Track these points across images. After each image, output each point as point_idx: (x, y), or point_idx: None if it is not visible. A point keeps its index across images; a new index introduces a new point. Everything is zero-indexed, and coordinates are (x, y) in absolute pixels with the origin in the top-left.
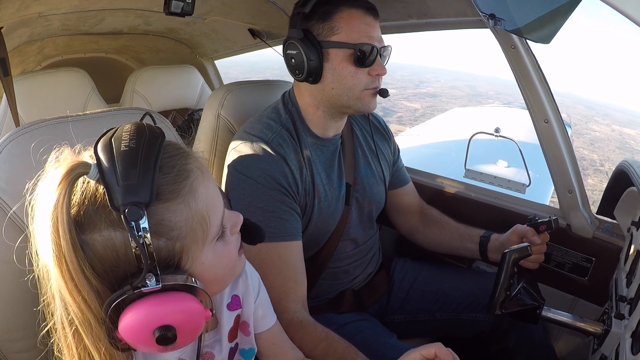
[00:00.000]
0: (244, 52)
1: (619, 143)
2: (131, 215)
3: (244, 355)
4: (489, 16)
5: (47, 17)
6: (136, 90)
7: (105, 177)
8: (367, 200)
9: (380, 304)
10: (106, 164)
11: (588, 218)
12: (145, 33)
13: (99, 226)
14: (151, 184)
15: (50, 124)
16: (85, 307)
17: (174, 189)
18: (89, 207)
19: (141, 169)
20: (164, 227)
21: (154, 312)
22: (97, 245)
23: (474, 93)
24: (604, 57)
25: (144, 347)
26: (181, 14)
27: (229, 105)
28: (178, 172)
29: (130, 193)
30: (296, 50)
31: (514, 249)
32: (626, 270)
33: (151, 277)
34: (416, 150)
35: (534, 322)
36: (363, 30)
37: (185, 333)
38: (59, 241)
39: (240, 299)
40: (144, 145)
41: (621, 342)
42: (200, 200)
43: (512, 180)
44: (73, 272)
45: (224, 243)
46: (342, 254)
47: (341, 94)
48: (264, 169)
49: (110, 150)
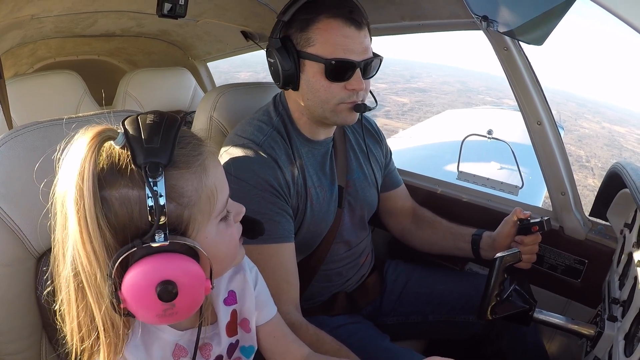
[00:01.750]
0: (237, 54)
1: (608, 140)
2: (151, 170)
3: (244, 353)
4: (482, 18)
5: (40, 19)
6: (129, 92)
7: (130, 141)
8: (359, 203)
9: (373, 306)
10: (132, 132)
11: (581, 220)
12: (138, 35)
13: (118, 184)
14: (170, 150)
15: (43, 126)
16: (94, 258)
17: (188, 160)
18: (112, 167)
19: (162, 137)
20: (176, 192)
21: (159, 266)
22: (115, 201)
23: (464, 89)
24: (599, 55)
25: (144, 305)
26: (174, 16)
27: (221, 108)
28: (192, 148)
29: (152, 154)
30: (273, 59)
31: (504, 255)
32: (619, 273)
33: (160, 233)
34: (409, 152)
35: (526, 324)
36: (339, 43)
37: (186, 295)
38: (82, 187)
39: (237, 295)
40: (166, 122)
41: (614, 344)
42: (210, 177)
43: (504, 182)
44: (89, 219)
45: (227, 225)
46: (335, 257)
47: (316, 106)
48: (256, 171)
49: (137, 122)
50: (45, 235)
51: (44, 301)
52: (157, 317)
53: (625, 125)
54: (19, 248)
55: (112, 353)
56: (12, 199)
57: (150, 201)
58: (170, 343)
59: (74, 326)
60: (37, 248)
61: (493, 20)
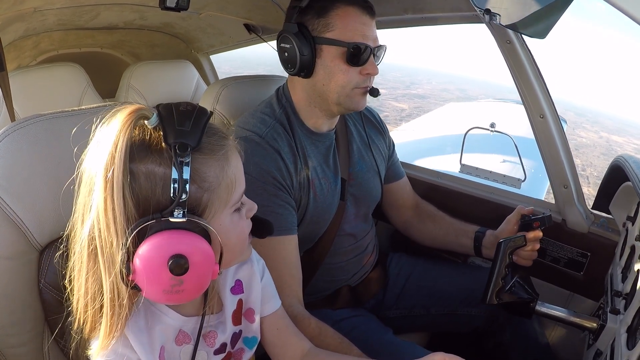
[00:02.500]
0: (240, 47)
1: (605, 149)
2: (180, 150)
3: (247, 343)
4: (485, 11)
5: (43, 11)
6: (132, 85)
7: (163, 121)
8: (363, 195)
9: (376, 300)
10: (165, 115)
11: (583, 213)
12: (141, 28)
13: (146, 160)
14: (200, 135)
15: (46, 118)
16: (113, 225)
17: (214, 148)
18: (143, 143)
19: (193, 123)
20: (199, 176)
21: (174, 240)
22: (141, 175)
23: (463, 96)
24: (601, 65)
25: (154, 277)
26: (177, 8)
27: (224, 100)
28: (218, 139)
29: (182, 136)
30: (289, 44)
31: (509, 239)
32: (621, 265)
33: (180, 210)
34: (412, 145)
35: (528, 316)
36: (358, 29)
37: (195, 274)
38: (114, 156)
39: (244, 284)
40: (197, 110)
41: (616, 337)
42: (232, 167)
43: (507, 175)
44: (116, 187)
45: (240, 218)
46: (340, 249)
47: (331, 90)
48: (259, 164)
49: (170, 108)
50: (48, 228)
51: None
52: (163, 293)
53: (624, 135)
54: (22, 241)
55: (114, 325)
56: (14, 192)
57: (175, 177)
58: (174, 328)
59: (81, 293)
60: (39, 241)
61: (495, 13)
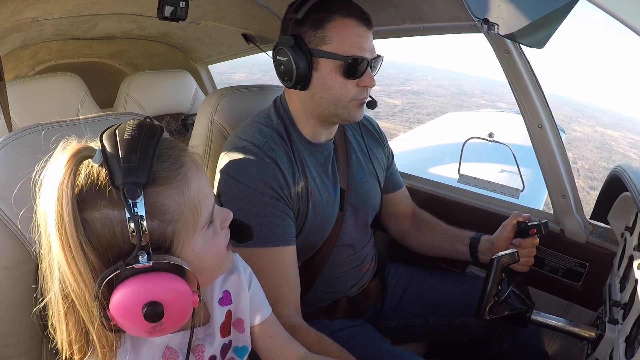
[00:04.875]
0: (238, 56)
1: (599, 143)
2: (130, 193)
3: (237, 353)
4: (483, 21)
5: (41, 22)
6: (130, 95)
7: (108, 160)
8: (362, 205)
9: (374, 310)
10: (110, 149)
11: (582, 223)
12: (139, 38)
13: (99, 205)
14: (149, 167)
15: (44, 128)
16: (80, 280)
17: (169, 175)
18: (91, 188)
19: (141, 154)
20: (158, 210)
21: (143, 288)
22: (96, 222)
23: (458, 92)
24: (599, 60)
25: (132, 324)
26: (175, 18)
27: (222, 110)
28: (173, 162)
29: (130, 174)
30: (286, 57)
31: (501, 255)
32: (620, 275)
33: (143, 254)
34: (410, 155)
35: (523, 326)
36: (355, 41)
37: (173, 313)
38: (62, 214)
39: (232, 295)
40: (145, 136)
41: (615, 347)
42: (193, 189)
43: (505, 185)
44: (72, 244)
45: (214, 234)
46: (338, 260)
47: (329, 102)
48: (256, 174)
49: (114, 138)
50: None
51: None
52: (146, 333)
53: (620, 130)
54: (20, 251)
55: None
56: (12, 202)
57: (131, 222)
58: (160, 346)
59: (64, 337)
60: (38, 251)
61: (494, 23)
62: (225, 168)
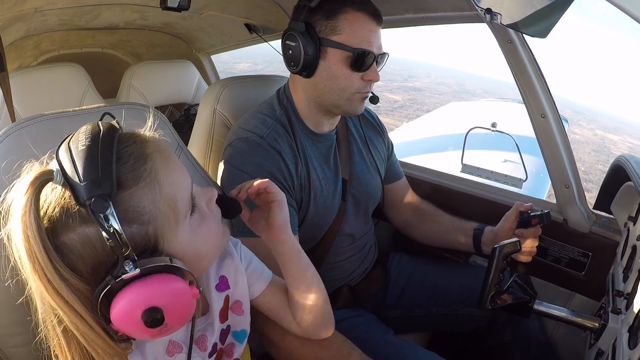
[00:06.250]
0: (241, 46)
1: (597, 147)
2: (97, 207)
3: (237, 338)
4: (486, 10)
5: (44, 12)
6: (132, 85)
7: (67, 178)
8: (363, 196)
9: (377, 299)
10: (67, 166)
11: (585, 213)
12: (142, 28)
13: (73, 226)
14: (111, 175)
15: (47, 119)
16: (68, 309)
17: (134, 175)
18: (60, 211)
19: (99, 163)
20: (133, 213)
21: (137, 296)
22: (76, 244)
23: (460, 90)
24: (605, 64)
25: (139, 333)
26: (177, 8)
27: (225, 101)
28: (136, 159)
29: (93, 188)
30: (295, 42)
31: (503, 244)
32: (623, 265)
33: (129, 263)
34: (412, 145)
35: (525, 315)
36: (365, 35)
37: (174, 313)
38: (30, 247)
39: (228, 280)
40: (100, 141)
41: (618, 336)
42: (163, 182)
43: (509, 175)
44: (49, 276)
45: (201, 219)
46: (338, 249)
47: (332, 92)
48: (260, 164)
49: (69, 152)
50: None
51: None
52: (153, 337)
53: (620, 134)
54: None
55: None
56: None
57: (106, 235)
58: (163, 342)
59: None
60: None
61: (496, 12)
62: (229, 159)
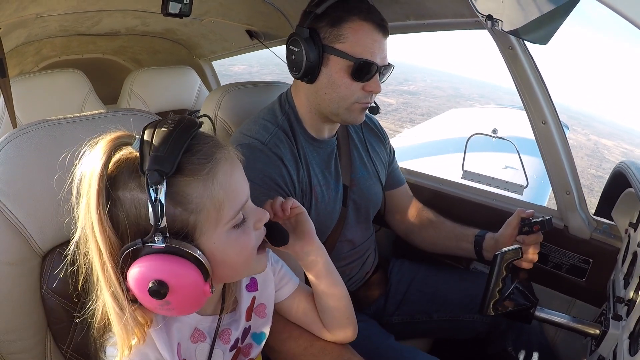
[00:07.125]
0: (242, 53)
1: (591, 151)
2: (152, 179)
3: (255, 339)
4: (487, 17)
5: (45, 18)
6: (134, 91)
7: (142, 147)
8: (364, 202)
9: (378, 305)
10: (147, 138)
11: (585, 219)
12: (143, 34)
13: (130, 186)
14: (175, 159)
15: (48, 125)
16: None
17: (195, 168)
18: (125, 169)
19: (170, 145)
20: (182, 198)
21: (152, 266)
22: (126, 201)
23: (455, 94)
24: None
25: (141, 296)
26: (179, 15)
27: (226, 107)
28: (202, 156)
29: (156, 162)
30: (298, 47)
31: (505, 251)
32: (624, 272)
33: (159, 236)
34: (413, 150)
35: (527, 322)
36: (368, 45)
37: (179, 297)
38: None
39: (258, 282)
40: (179, 130)
41: (619, 343)
42: (218, 184)
43: (509, 182)
44: (104, 218)
45: (242, 232)
46: (339, 255)
47: (332, 100)
48: (261, 170)
49: (153, 130)
50: (50, 234)
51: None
52: (157, 309)
53: (614, 139)
54: (24, 247)
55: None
56: (17, 198)
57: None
58: (189, 326)
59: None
60: (42, 247)
61: (498, 19)
62: None
